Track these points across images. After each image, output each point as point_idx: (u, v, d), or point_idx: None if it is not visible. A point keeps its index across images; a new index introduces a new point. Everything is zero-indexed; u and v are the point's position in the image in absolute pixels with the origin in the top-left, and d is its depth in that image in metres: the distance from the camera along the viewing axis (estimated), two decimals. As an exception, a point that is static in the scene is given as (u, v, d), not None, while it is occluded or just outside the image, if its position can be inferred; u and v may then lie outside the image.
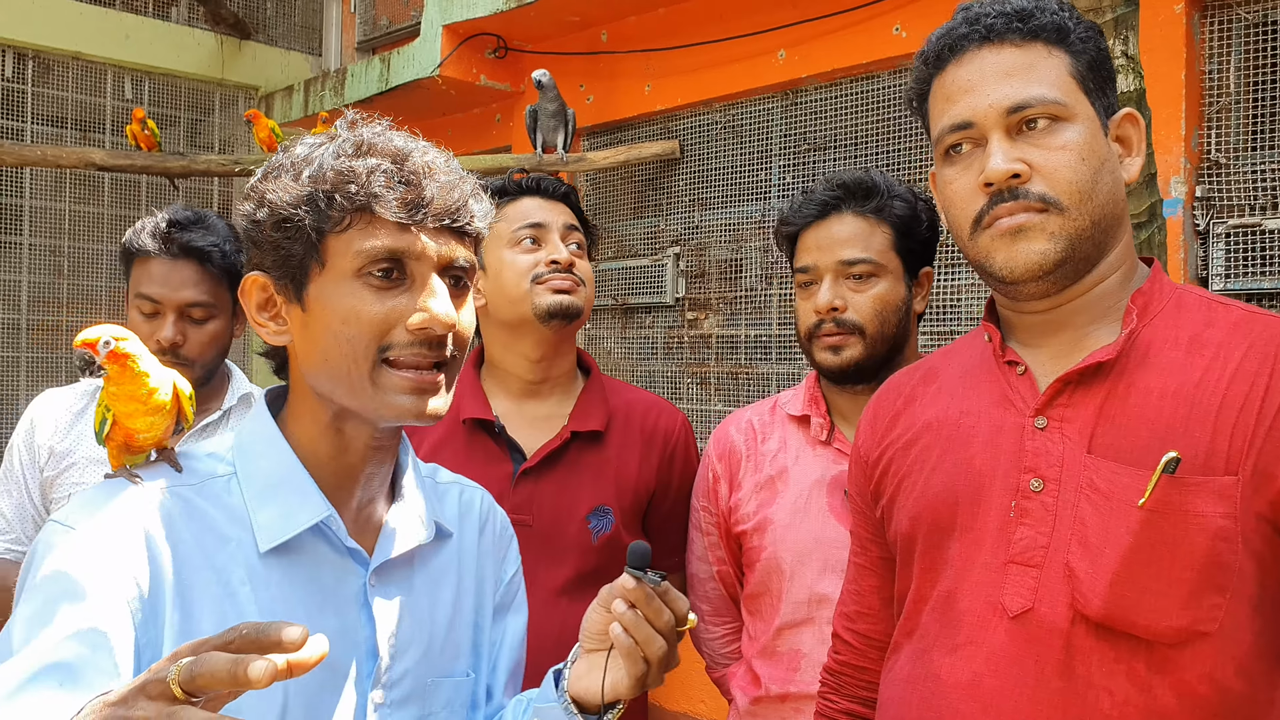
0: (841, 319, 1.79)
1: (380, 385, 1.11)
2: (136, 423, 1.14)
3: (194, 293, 2.12)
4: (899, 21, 3.52)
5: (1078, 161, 1.20)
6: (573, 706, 1.18)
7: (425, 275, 1.11)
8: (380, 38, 5.64)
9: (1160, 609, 1.11)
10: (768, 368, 3.99)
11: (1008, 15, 1.24)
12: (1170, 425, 1.15)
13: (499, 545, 1.37)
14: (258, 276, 1.15)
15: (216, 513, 1.13)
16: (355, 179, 1.08)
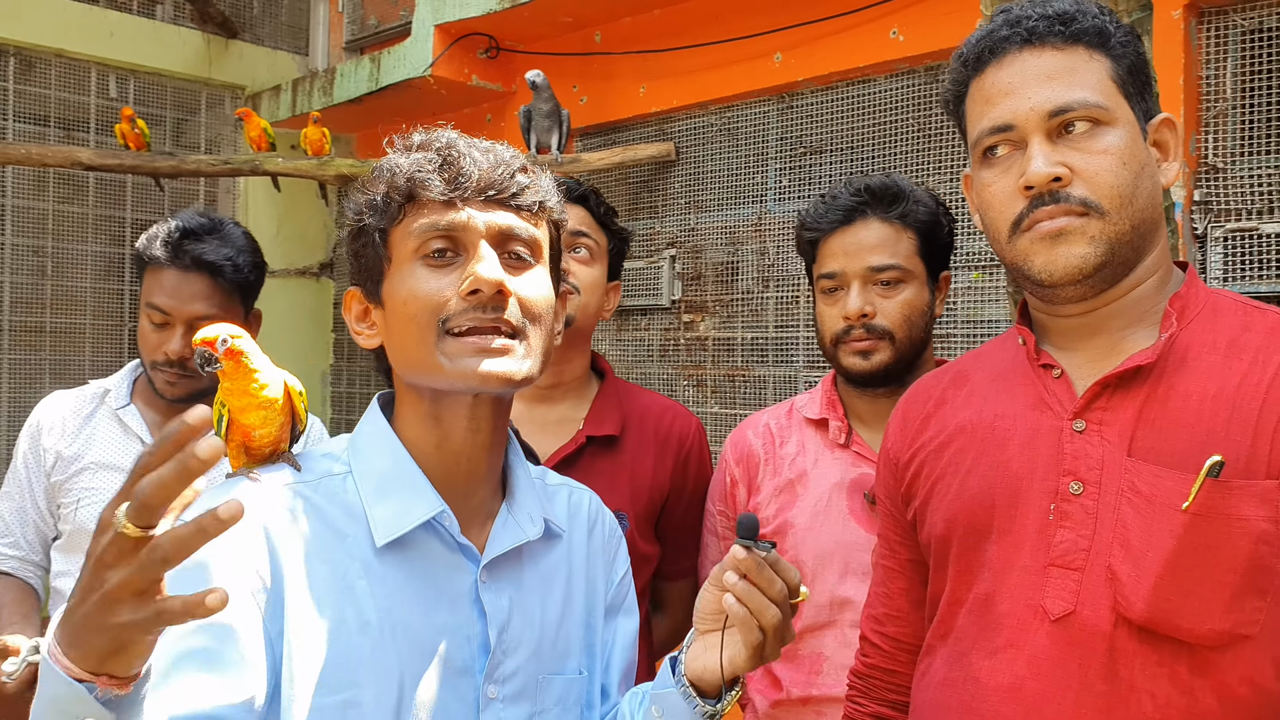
0: (872, 325, 1.79)
1: (447, 354, 1.14)
2: (250, 417, 1.21)
3: (204, 306, 2.10)
4: (896, 25, 3.53)
5: (1119, 166, 1.21)
6: (691, 690, 1.19)
7: (475, 245, 1.16)
8: (369, 37, 5.61)
9: (1203, 612, 1.12)
10: (764, 370, 4.00)
11: (1050, 18, 1.25)
12: (1211, 429, 1.15)
13: (608, 546, 1.40)
14: (354, 290, 1.25)
15: (333, 509, 1.17)
16: (401, 172, 1.16)
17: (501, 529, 1.25)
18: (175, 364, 2.08)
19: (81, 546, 2.13)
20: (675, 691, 1.20)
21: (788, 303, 3.94)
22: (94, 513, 2.12)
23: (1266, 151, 2.81)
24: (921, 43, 3.47)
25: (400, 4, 5.43)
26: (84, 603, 0.81)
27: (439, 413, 1.20)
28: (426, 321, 1.14)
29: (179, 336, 2.08)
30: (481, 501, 1.26)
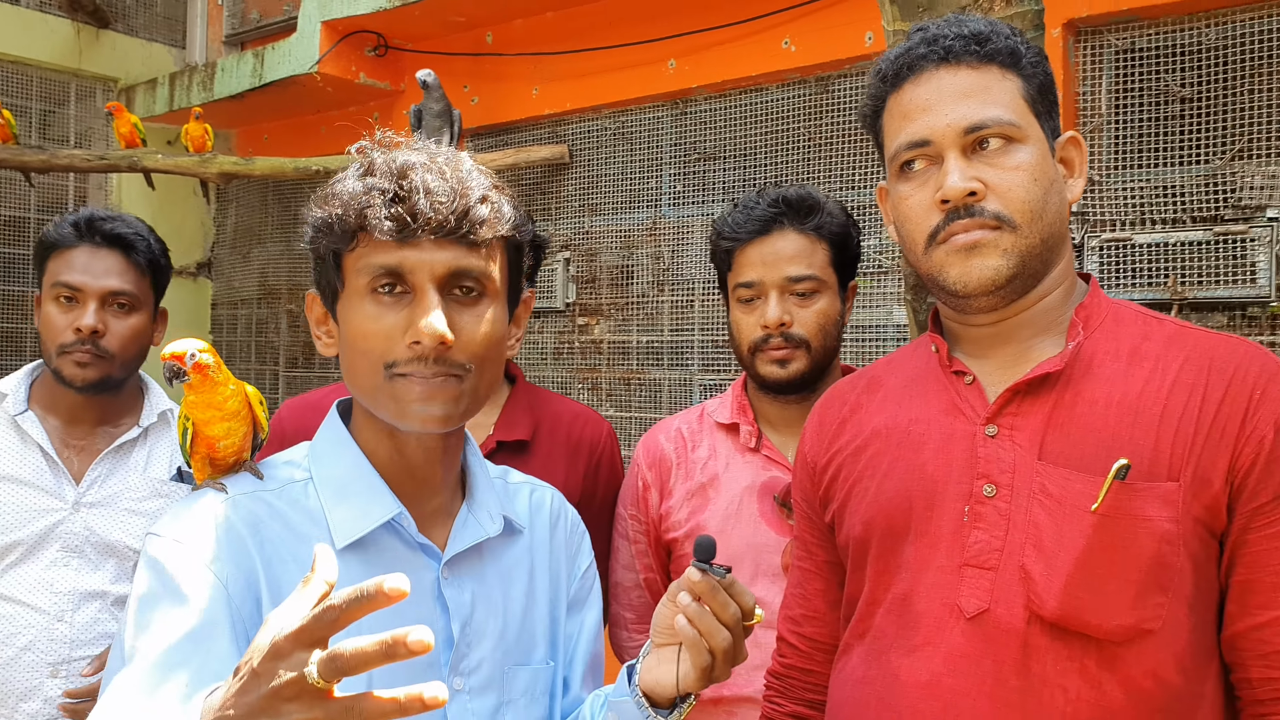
0: (789, 334, 1.83)
1: (394, 395, 1.17)
2: (215, 429, 1.24)
3: (117, 281, 2.05)
4: (788, 36, 3.60)
5: (1030, 182, 1.26)
6: (644, 700, 1.22)
7: (422, 288, 1.16)
8: (250, 32, 5.46)
9: (1111, 608, 1.18)
10: (659, 374, 4.03)
11: (965, 38, 1.29)
12: (1116, 433, 1.21)
13: (571, 541, 1.44)
14: (313, 293, 1.27)
15: (297, 515, 1.21)
16: (352, 201, 1.15)
17: (462, 527, 1.28)
18: (86, 342, 2.01)
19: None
20: (630, 700, 1.24)
21: (683, 307, 3.98)
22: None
23: (1138, 165, 2.96)
24: (812, 54, 3.55)
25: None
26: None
27: (392, 430, 1.24)
28: (375, 361, 1.17)
29: (92, 311, 2.01)
30: (442, 504, 1.29)
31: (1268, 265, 2.70)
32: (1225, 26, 2.81)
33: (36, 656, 1.99)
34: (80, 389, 2.05)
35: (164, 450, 2.19)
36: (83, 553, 2.05)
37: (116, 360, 2.06)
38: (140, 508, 2.11)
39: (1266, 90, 2.75)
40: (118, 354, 2.06)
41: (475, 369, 1.19)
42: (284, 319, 5.49)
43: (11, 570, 2.01)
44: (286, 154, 4.93)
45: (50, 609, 2.02)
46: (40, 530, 2.03)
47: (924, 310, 1.98)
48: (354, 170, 1.20)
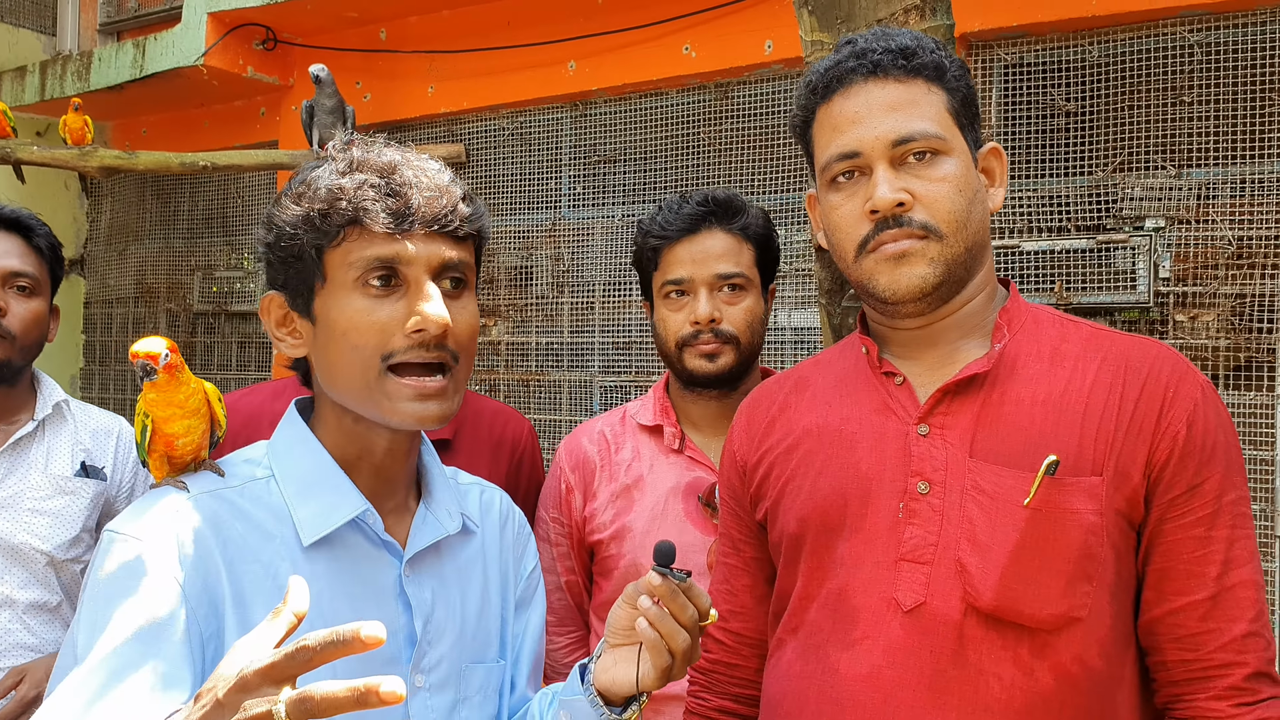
0: (719, 329, 1.86)
1: (388, 393, 1.17)
2: (174, 427, 1.21)
3: (19, 263, 2.04)
4: (689, 42, 3.64)
5: (955, 193, 1.31)
6: (599, 699, 1.24)
7: (419, 279, 1.17)
8: (128, 21, 5.26)
9: (1043, 598, 1.23)
10: (559, 375, 4.03)
11: (893, 52, 1.34)
12: (1042, 431, 1.27)
13: (518, 542, 1.45)
14: (275, 294, 1.23)
15: (260, 512, 1.19)
16: (345, 195, 1.15)
17: (421, 525, 1.28)
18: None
19: None
20: (583, 699, 1.25)
21: (583, 308, 3.99)
22: None
23: (1026, 176, 3.09)
24: (713, 60, 3.60)
25: (165, -13, 5.13)
26: None
27: (361, 430, 1.24)
28: (369, 355, 1.16)
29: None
30: (401, 501, 1.30)
31: (1147, 273, 2.85)
32: (1107, 45, 2.95)
33: None
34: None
35: (64, 444, 2.13)
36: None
37: (17, 343, 2.02)
38: (44, 506, 2.05)
39: (1146, 106, 2.90)
40: (19, 336, 2.02)
41: (461, 360, 1.22)
42: (163, 318, 5.31)
43: None
44: (167, 148, 4.77)
45: None
46: None
47: (838, 314, 2.03)
48: (330, 166, 1.19)
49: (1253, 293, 2.76)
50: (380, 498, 1.26)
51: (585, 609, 2.03)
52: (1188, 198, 2.84)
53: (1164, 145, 2.88)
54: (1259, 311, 2.75)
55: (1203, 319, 2.82)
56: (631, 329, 3.89)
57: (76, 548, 2.09)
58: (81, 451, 2.14)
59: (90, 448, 2.16)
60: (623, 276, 3.89)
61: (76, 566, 2.10)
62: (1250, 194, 2.77)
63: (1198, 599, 1.24)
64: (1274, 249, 2.75)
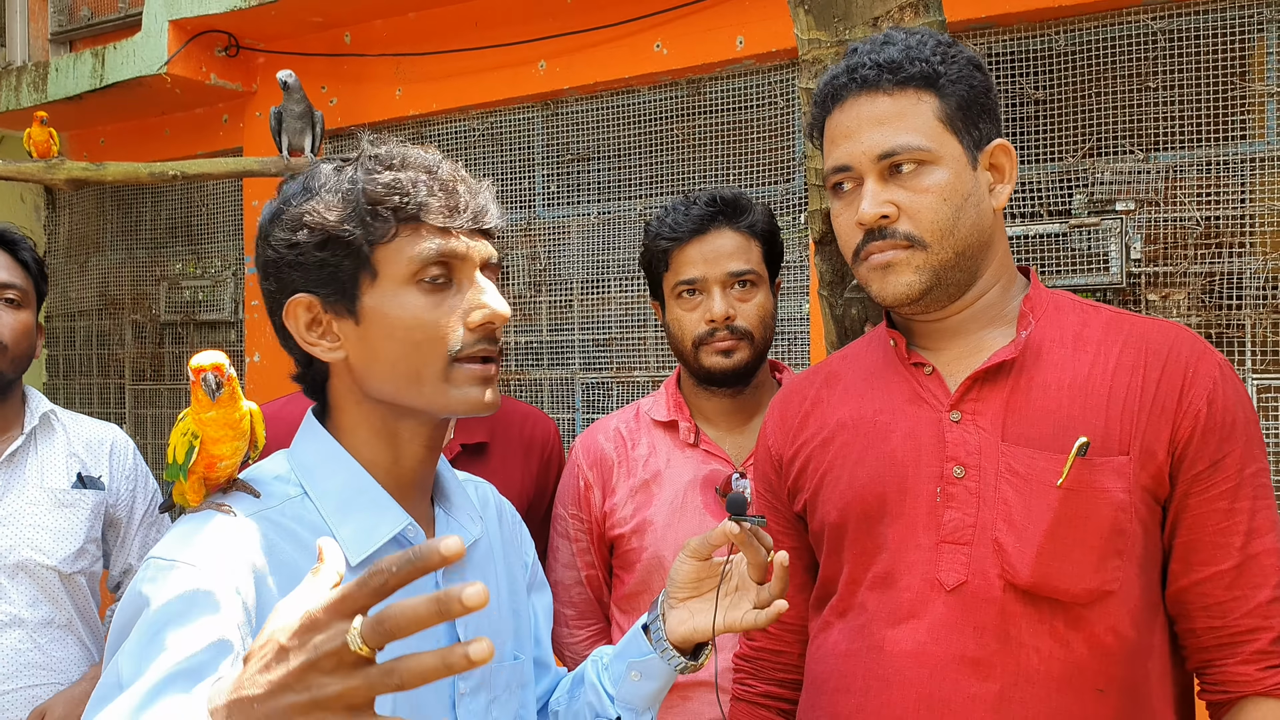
0: (733, 326, 1.91)
1: (453, 381, 1.18)
2: (223, 448, 1.17)
3: (5, 275, 2.05)
4: (660, 39, 3.68)
5: (940, 203, 1.37)
6: (674, 651, 1.30)
7: (470, 274, 1.19)
8: (82, 29, 5.18)
9: (1077, 574, 1.30)
10: (539, 374, 4.06)
11: (880, 66, 1.39)
12: (1070, 414, 1.34)
13: (515, 533, 1.47)
14: (302, 297, 1.18)
15: (303, 531, 1.18)
16: (402, 191, 1.14)
17: (445, 531, 1.29)
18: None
19: None
20: (656, 657, 1.31)
21: (561, 306, 4.02)
22: None
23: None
24: (684, 57, 3.64)
25: (119, -5, 5.06)
26: (274, 698, 0.75)
27: (397, 431, 1.22)
28: (432, 350, 1.16)
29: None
30: (424, 509, 1.30)
31: (1118, 255, 2.94)
32: (1074, 34, 3.04)
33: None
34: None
35: (57, 456, 2.13)
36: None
37: (9, 354, 2.03)
38: (45, 521, 2.04)
39: (1113, 92, 2.99)
40: (10, 347, 2.03)
41: (500, 351, 1.24)
42: (129, 330, 5.25)
43: None
44: (126, 158, 4.72)
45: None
46: None
47: (840, 305, 2.08)
48: (367, 165, 1.18)
49: (1221, 270, 2.86)
50: (411, 507, 1.25)
51: (605, 602, 2.07)
52: (1156, 180, 2.94)
53: (1131, 130, 2.98)
54: (1228, 289, 2.85)
55: (1174, 298, 2.92)
56: (611, 326, 3.93)
57: (82, 560, 2.08)
58: (76, 462, 2.13)
59: (84, 458, 2.15)
60: (600, 273, 3.93)
61: (83, 579, 2.10)
62: (1216, 175, 2.87)
63: (1223, 569, 1.31)
64: (1240, 228, 2.85)
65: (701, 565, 1.30)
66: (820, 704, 1.44)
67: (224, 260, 4.91)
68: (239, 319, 4.81)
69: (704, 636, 1.29)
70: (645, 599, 1.95)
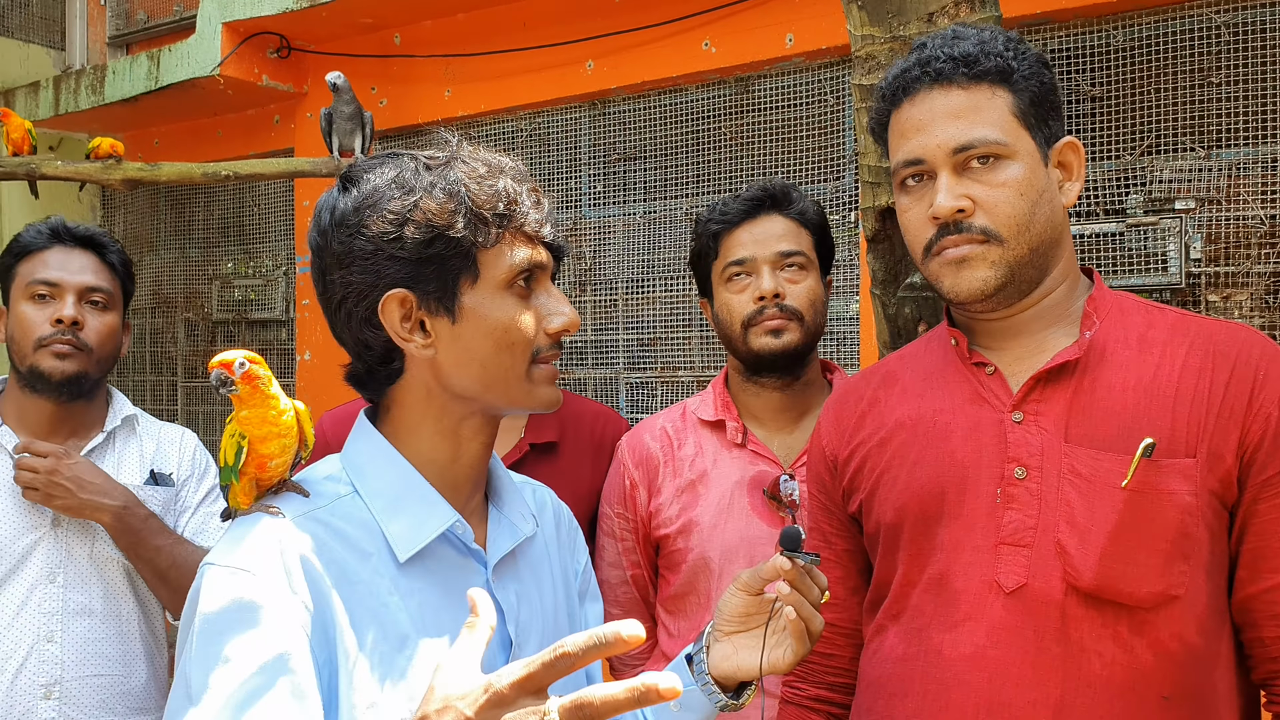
0: (783, 305, 1.89)
1: (534, 380, 1.22)
2: (269, 447, 1.18)
3: (93, 278, 2.10)
4: (708, 37, 3.66)
5: (1016, 197, 1.35)
6: (716, 687, 1.28)
7: (545, 281, 1.23)
8: (137, 33, 5.26)
9: (1141, 577, 1.27)
10: (584, 373, 4.05)
11: (955, 60, 1.37)
12: (1135, 415, 1.31)
13: (570, 537, 1.46)
14: (398, 292, 1.18)
15: (354, 531, 1.18)
16: (509, 199, 1.19)
17: (497, 529, 1.29)
18: (67, 332, 2.04)
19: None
20: (697, 689, 1.28)
21: (606, 306, 4.01)
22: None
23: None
24: (733, 55, 3.62)
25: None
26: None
27: (459, 429, 1.25)
28: (523, 351, 1.21)
29: (70, 303, 2.05)
30: (476, 505, 1.30)
31: (1178, 255, 2.88)
32: (1132, 28, 2.98)
33: (30, 678, 1.97)
34: (57, 385, 2.05)
35: (133, 455, 2.18)
36: (66, 569, 2.03)
37: (94, 355, 2.07)
38: None
39: (1172, 89, 2.93)
40: (95, 348, 2.07)
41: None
42: (180, 328, 5.32)
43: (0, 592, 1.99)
44: (180, 158, 4.77)
45: (39, 629, 1.99)
46: (22, 549, 2.00)
47: (893, 304, 2.05)
48: (464, 167, 1.20)
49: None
50: (462, 503, 1.26)
51: (650, 602, 2.06)
52: (1217, 178, 2.87)
53: (1192, 127, 2.91)
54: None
55: (1236, 299, 2.86)
56: (655, 325, 3.91)
57: None
58: (149, 460, 2.19)
59: (157, 457, 2.21)
60: (645, 273, 3.92)
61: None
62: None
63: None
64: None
65: (751, 600, 1.27)
66: (876, 708, 1.41)
67: (275, 259, 4.96)
68: (290, 318, 4.85)
69: (747, 675, 1.27)
70: (690, 600, 1.93)
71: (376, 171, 1.21)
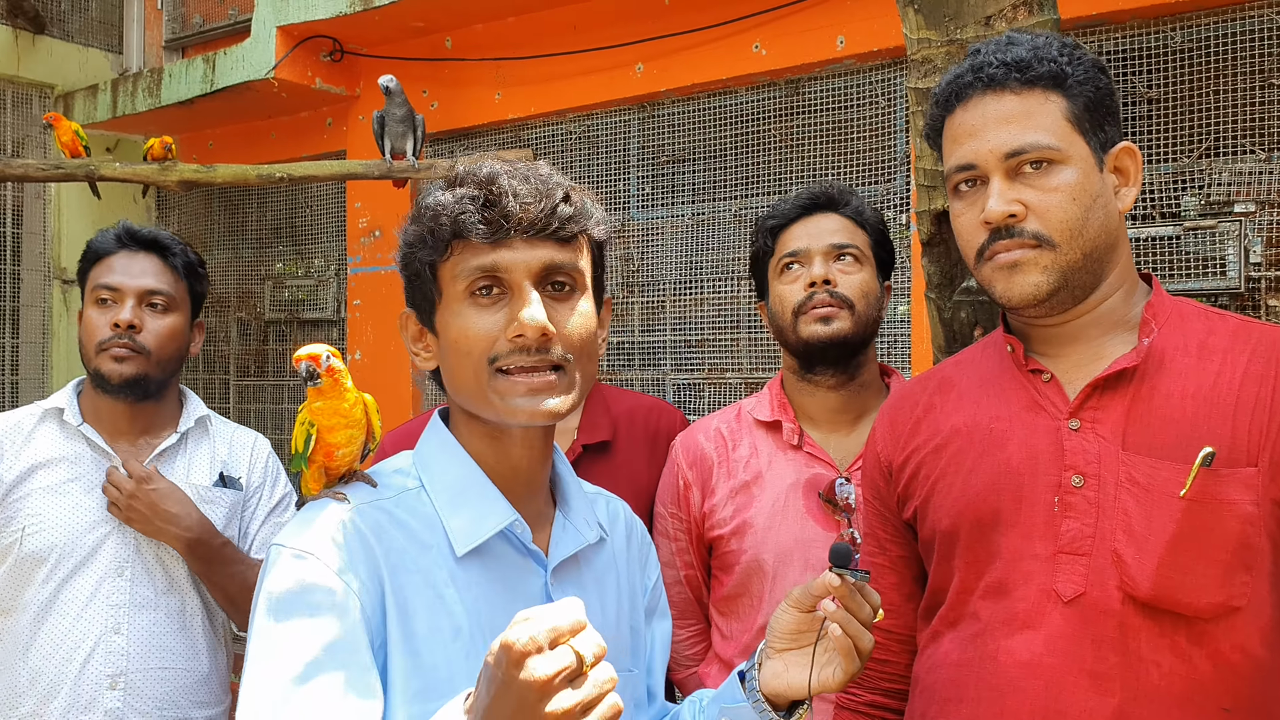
0: (833, 291, 1.90)
1: (498, 391, 1.20)
2: (336, 436, 1.24)
3: (154, 280, 2.14)
4: (759, 39, 3.66)
5: (1069, 202, 1.34)
6: (767, 705, 1.26)
7: (520, 285, 1.19)
8: (192, 36, 5.35)
9: (1201, 587, 1.25)
10: (630, 374, 4.06)
11: (1008, 65, 1.37)
12: (1195, 423, 1.29)
13: (642, 552, 1.47)
14: (409, 312, 1.31)
15: (415, 522, 1.22)
16: (445, 210, 1.20)
17: (561, 534, 1.31)
18: (124, 335, 2.08)
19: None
20: (748, 706, 1.27)
21: (654, 307, 4.02)
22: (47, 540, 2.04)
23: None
24: (784, 57, 3.62)
25: (229, 2, 5.21)
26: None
27: (496, 433, 1.27)
28: (478, 360, 1.20)
29: (129, 307, 2.10)
30: (539, 509, 1.32)
31: (1237, 258, 2.84)
32: (1190, 30, 2.94)
33: (96, 669, 2.02)
34: (118, 387, 2.09)
35: (204, 456, 2.22)
36: (134, 563, 2.08)
37: (153, 358, 2.11)
38: None
39: (1232, 91, 2.89)
40: (154, 350, 2.11)
41: (574, 360, 1.23)
42: (234, 327, 5.40)
43: (69, 583, 2.04)
44: (234, 160, 4.85)
45: (106, 621, 2.04)
46: (93, 543, 2.06)
47: (948, 308, 2.05)
48: (439, 185, 1.25)
49: (1347, 275, 2.74)
50: (521, 504, 1.28)
51: (704, 602, 2.07)
52: (1278, 181, 2.83)
53: (1252, 129, 2.87)
54: (1354, 294, 2.73)
55: (1296, 303, 2.81)
56: (703, 327, 3.91)
57: None
58: (219, 463, 2.23)
59: (227, 459, 2.25)
60: (694, 275, 3.92)
61: None
62: (1342, 176, 2.75)
63: (1359, 589, 1.25)
64: (1368, 231, 2.73)
65: (803, 617, 1.26)
66: (931, 714, 1.41)
67: (326, 260, 5.02)
68: (341, 318, 4.91)
69: (797, 694, 1.25)
70: (744, 602, 1.94)
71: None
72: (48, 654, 2.01)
